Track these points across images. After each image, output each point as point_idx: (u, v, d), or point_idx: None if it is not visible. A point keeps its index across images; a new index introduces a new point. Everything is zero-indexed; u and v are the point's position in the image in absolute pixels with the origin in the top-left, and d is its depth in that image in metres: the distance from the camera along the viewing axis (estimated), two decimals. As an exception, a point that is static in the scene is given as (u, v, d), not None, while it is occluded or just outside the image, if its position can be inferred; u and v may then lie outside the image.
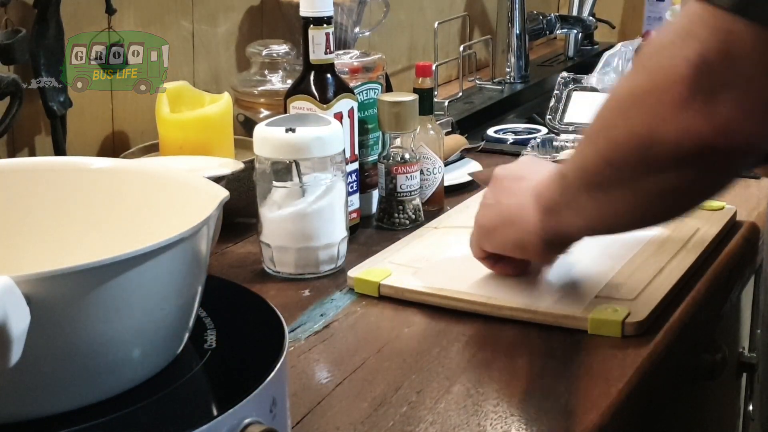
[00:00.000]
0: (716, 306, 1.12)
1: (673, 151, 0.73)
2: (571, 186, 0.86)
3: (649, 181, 0.77)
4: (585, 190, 0.84)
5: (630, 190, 0.79)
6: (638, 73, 0.77)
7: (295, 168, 1.07)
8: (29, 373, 0.61)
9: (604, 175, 0.81)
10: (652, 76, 0.74)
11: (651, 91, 0.74)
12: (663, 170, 0.76)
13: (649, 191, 0.78)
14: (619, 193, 0.81)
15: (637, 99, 0.75)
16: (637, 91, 0.75)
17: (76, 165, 0.85)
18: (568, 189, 0.86)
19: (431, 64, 1.31)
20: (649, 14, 2.51)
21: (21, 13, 1.19)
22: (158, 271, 0.65)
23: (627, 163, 0.78)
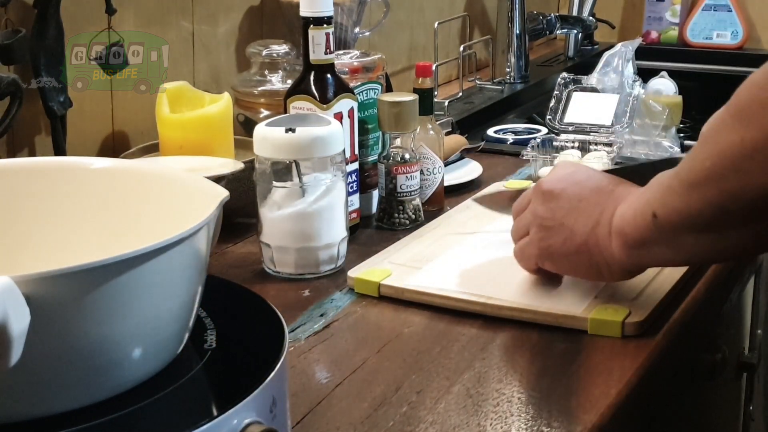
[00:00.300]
0: (716, 306, 1.12)
1: None
2: (670, 228, 0.86)
3: (762, 225, 0.80)
4: (688, 233, 0.85)
5: (742, 232, 0.82)
6: (746, 129, 0.77)
7: (295, 168, 1.07)
8: (29, 373, 0.61)
9: (713, 222, 0.82)
10: (764, 132, 0.76)
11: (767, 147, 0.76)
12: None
13: (761, 232, 0.81)
14: (729, 234, 0.83)
15: (752, 154, 0.77)
16: (749, 147, 0.77)
17: (76, 165, 0.85)
18: (664, 231, 0.87)
19: (431, 64, 1.31)
20: (649, 14, 2.52)
21: (21, 13, 1.19)
22: (158, 272, 0.65)
23: (744, 211, 0.80)
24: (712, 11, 2.47)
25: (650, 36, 2.51)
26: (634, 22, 2.57)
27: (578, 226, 0.95)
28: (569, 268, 0.99)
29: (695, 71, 2.39)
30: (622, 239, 0.91)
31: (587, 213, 0.95)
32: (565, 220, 0.96)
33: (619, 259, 0.92)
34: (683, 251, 0.88)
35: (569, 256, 0.96)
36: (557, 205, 0.97)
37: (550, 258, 0.99)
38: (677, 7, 2.48)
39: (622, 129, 1.57)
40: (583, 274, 0.98)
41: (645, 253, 0.90)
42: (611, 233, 0.92)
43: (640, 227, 0.89)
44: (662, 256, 0.90)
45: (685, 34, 2.48)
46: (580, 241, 0.95)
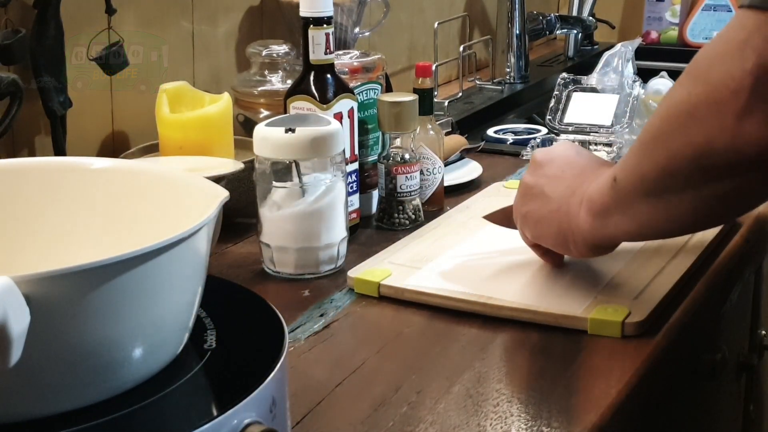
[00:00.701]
0: (716, 306, 1.12)
1: (733, 159, 0.76)
2: (625, 192, 0.87)
3: (707, 188, 0.80)
4: (641, 197, 0.85)
5: (688, 197, 0.81)
6: (693, 85, 0.78)
7: (295, 168, 1.07)
8: (29, 374, 0.61)
9: (662, 184, 0.83)
10: (709, 87, 0.76)
11: (709, 103, 0.76)
12: (722, 177, 0.78)
13: (707, 197, 0.81)
14: (677, 199, 0.82)
15: (694, 110, 0.77)
16: (694, 102, 0.77)
17: (75, 165, 0.85)
18: (620, 195, 0.88)
19: (431, 65, 1.31)
20: (648, 14, 2.52)
21: (21, 13, 1.19)
22: (158, 272, 0.65)
23: (686, 173, 0.80)
24: (712, 11, 2.47)
25: (650, 36, 2.51)
26: (634, 23, 2.57)
27: (555, 195, 0.96)
28: (541, 234, 0.99)
29: (695, 71, 2.39)
30: (588, 206, 0.92)
31: (567, 183, 0.96)
32: (545, 188, 0.98)
33: (583, 228, 0.93)
34: (637, 220, 0.88)
35: (542, 222, 0.98)
36: (542, 173, 0.99)
37: (527, 224, 1.00)
38: (677, 7, 2.48)
39: (621, 129, 1.57)
40: (551, 242, 0.99)
41: (606, 224, 0.90)
42: (582, 202, 0.93)
43: (603, 193, 0.90)
44: (620, 226, 0.90)
45: (685, 35, 2.48)
46: (553, 207, 0.96)
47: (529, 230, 1.01)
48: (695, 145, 0.77)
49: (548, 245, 1.00)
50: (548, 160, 1.00)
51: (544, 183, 0.98)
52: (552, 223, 0.97)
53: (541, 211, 0.98)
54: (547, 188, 0.98)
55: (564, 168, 0.98)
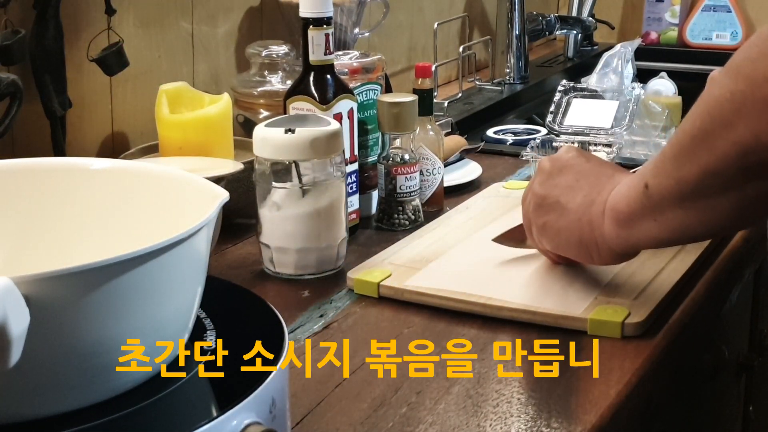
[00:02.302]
0: (716, 307, 1.12)
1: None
2: (659, 199, 0.86)
3: (751, 187, 0.79)
4: (677, 202, 0.84)
5: (730, 198, 0.81)
6: (735, 83, 0.77)
7: (294, 169, 1.07)
8: (29, 374, 0.61)
9: (703, 186, 0.81)
10: (754, 85, 0.75)
11: (755, 100, 0.75)
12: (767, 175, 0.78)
13: (749, 197, 0.80)
14: (717, 202, 0.81)
15: (740, 108, 0.76)
16: (738, 100, 0.76)
17: (75, 166, 0.85)
18: (653, 201, 0.86)
19: (431, 65, 1.31)
20: (648, 15, 2.52)
21: (20, 13, 1.19)
22: (158, 272, 0.65)
23: (730, 173, 0.79)
24: (712, 12, 2.47)
25: (650, 36, 2.51)
26: (634, 23, 2.57)
27: (573, 204, 0.95)
28: (561, 245, 0.99)
29: (695, 72, 2.39)
30: (614, 215, 0.91)
31: (584, 192, 0.95)
32: (561, 198, 0.97)
33: (608, 238, 0.92)
34: (669, 226, 0.86)
35: (561, 233, 0.97)
36: (555, 183, 0.98)
37: (546, 235, 0.99)
38: (677, 7, 2.48)
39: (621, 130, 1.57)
40: (573, 253, 0.99)
41: (633, 232, 0.90)
42: (605, 212, 0.92)
43: (631, 201, 0.89)
44: (649, 233, 0.89)
45: (685, 35, 2.48)
46: (573, 218, 0.95)
47: (549, 241, 1.00)
48: (742, 143, 0.76)
49: (569, 255, 1.00)
50: (558, 169, 0.99)
51: (558, 193, 0.97)
52: (573, 234, 0.96)
53: (560, 222, 0.97)
54: (563, 198, 0.97)
55: (577, 177, 0.97)
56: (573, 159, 0.99)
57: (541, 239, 1.01)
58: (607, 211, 0.92)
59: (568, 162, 0.99)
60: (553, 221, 0.98)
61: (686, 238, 0.95)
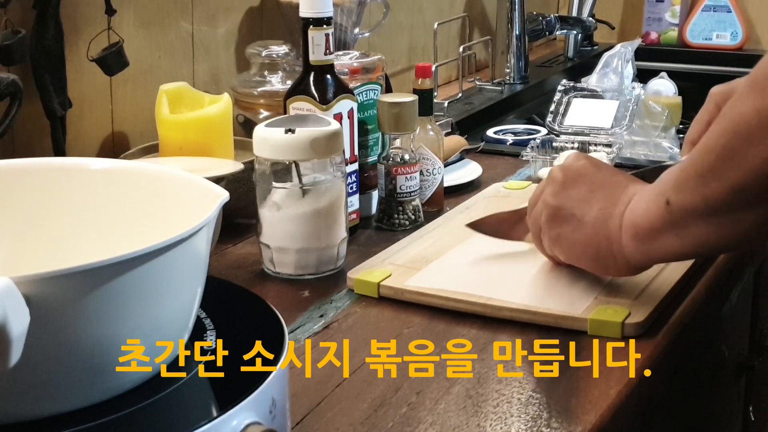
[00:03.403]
0: (716, 307, 1.12)
1: None
2: (682, 214, 0.85)
3: None
4: (702, 218, 0.84)
5: (758, 211, 0.80)
6: (761, 99, 0.76)
7: (294, 169, 1.07)
8: (29, 374, 0.61)
9: (730, 202, 0.81)
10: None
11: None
12: None
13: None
14: (743, 216, 0.81)
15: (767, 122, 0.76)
16: (765, 114, 0.76)
17: (75, 166, 0.85)
18: (676, 217, 0.86)
19: (431, 65, 1.31)
20: (648, 15, 2.52)
21: (21, 14, 1.19)
22: (158, 272, 0.65)
23: (759, 188, 0.78)
24: (712, 12, 2.47)
25: (650, 37, 2.51)
26: (634, 23, 2.57)
27: (589, 217, 0.95)
28: (576, 258, 0.99)
29: (695, 72, 2.39)
30: (633, 231, 0.91)
31: (599, 205, 0.95)
32: (575, 210, 0.97)
33: (627, 252, 0.92)
34: (692, 240, 0.86)
35: (576, 246, 0.97)
36: (568, 195, 0.98)
37: (559, 246, 0.99)
38: (677, 7, 2.48)
39: (621, 131, 1.57)
40: (588, 266, 0.99)
41: (654, 246, 0.90)
42: (622, 226, 0.92)
43: (651, 217, 0.88)
44: (670, 248, 0.89)
45: (685, 35, 2.48)
46: (590, 232, 0.95)
47: (563, 253, 1.00)
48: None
49: (583, 267, 1.00)
50: (572, 180, 0.98)
51: (573, 206, 0.97)
52: (589, 248, 0.96)
53: (576, 236, 0.97)
54: (577, 211, 0.96)
55: (591, 188, 0.97)
56: (585, 168, 0.99)
57: (554, 249, 1.00)
58: (626, 226, 0.92)
59: (581, 171, 0.98)
60: (568, 234, 0.97)
61: (708, 252, 0.96)
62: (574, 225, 0.97)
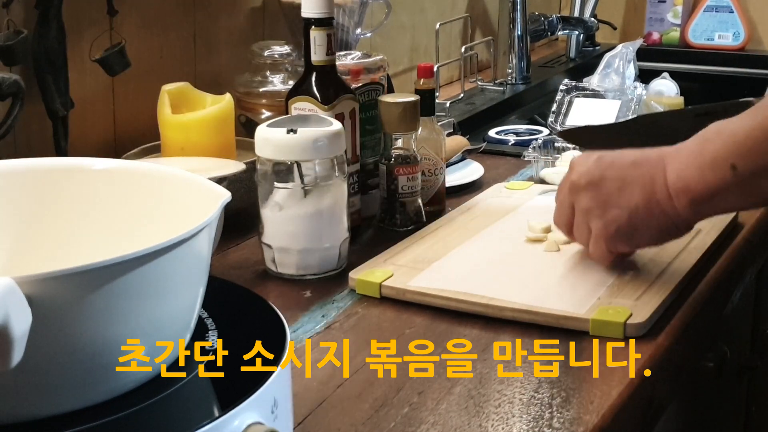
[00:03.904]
0: (718, 307, 1.12)
1: None
2: (749, 176, 0.92)
3: None
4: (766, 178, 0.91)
5: None
6: None
7: (296, 169, 1.07)
8: (31, 374, 0.61)
9: None
10: None
11: None
12: None
13: None
14: None
15: None
16: None
17: (77, 166, 0.85)
18: (742, 179, 0.92)
19: (432, 65, 1.31)
20: (650, 15, 2.52)
21: (23, 14, 1.19)
22: (160, 273, 0.65)
23: None
24: (714, 12, 2.46)
25: (652, 37, 2.51)
26: (636, 24, 2.57)
27: (636, 199, 0.99)
28: (642, 240, 1.02)
29: (697, 72, 2.39)
30: (689, 197, 0.95)
31: (639, 186, 0.98)
32: (620, 202, 1.00)
33: (686, 216, 0.97)
34: (755, 196, 0.94)
35: (639, 230, 1.00)
36: (604, 192, 1.01)
37: (622, 239, 1.02)
38: (679, 8, 2.48)
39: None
40: (656, 241, 1.03)
41: (714, 204, 0.96)
42: (671, 195, 0.96)
43: (712, 181, 0.94)
44: (731, 204, 0.97)
45: (687, 36, 2.48)
46: (644, 213, 0.99)
47: (628, 243, 1.03)
48: None
49: (653, 245, 1.04)
50: (599, 178, 1.01)
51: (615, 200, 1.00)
52: (652, 225, 0.99)
53: (634, 222, 0.99)
54: (621, 202, 1.00)
55: (620, 176, 1.00)
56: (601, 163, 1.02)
57: (617, 245, 1.03)
58: (676, 194, 0.96)
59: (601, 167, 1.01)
60: (626, 224, 1.00)
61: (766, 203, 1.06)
62: (628, 213, 0.99)
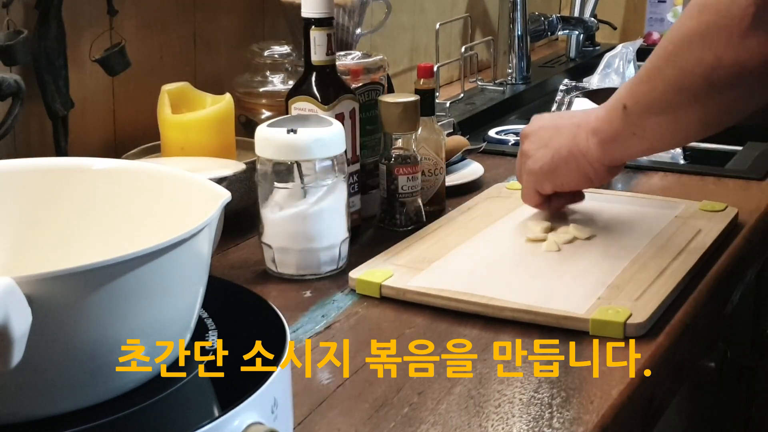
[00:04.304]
0: (718, 307, 1.12)
1: (738, 72, 0.92)
2: (637, 116, 1.01)
3: (714, 100, 0.96)
4: (653, 116, 1.00)
5: (697, 110, 0.97)
6: (700, 14, 0.93)
7: (296, 169, 1.07)
8: (30, 374, 0.61)
9: (673, 101, 0.97)
10: (717, 15, 0.91)
11: (718, 27, 0.91)
12: (727, 89, 0.94)
13: (713, 108, 0.97)
14: (686, 113, 0.98)
15: (704, 33, 0.92)
16: (703, 28, 0.93)
17: (77, 166, 0.85)
18: (631, 119, 1.02)
19: (433, 65, 1.31)
20: (650, 15, 2.52)
21: (23, 14, 1.19)
22: (160, 272, 0.65)
23: (696, 88, 0.95)
24: (714, 12, 2.46)
25: (652, 37, 2.50)
26: (636, 24, 2.57)
27: (562, 142, 1.11)
28: (562, 179, 1.13)
29: (696, 72, 2.39)
30: (597, 137, 1.07)
31: (567, 130, 1.10)
32: (549, 144, 1.12)
33: (598, 156, 1.08)
34: (648, 137, 1.03)
35: (560, 168, 1.12)
36: (538, 137, 1.14)
37: (545, 176, 1.14)
38: (679, 8, 2.48)
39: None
40: (575, 183, 1.13)
41: (617, 147, 1.06)
42: (588, 136, 1.08)
43: (612, 121, 1.04)
44: (633, 147, 1.06)
45: (687, 35, 2.48)
46: (566, 153, 1.10)
47: (550, 181, 1.14)
48: (705, 62, 0.93)
49: (573, 187, 1.15)
50: (538, 127, 1.15)
51: (544, 143, 1.12)
52: (571, 165, 1.11)
53: (556, 161, 1.11)
54: (550, 143, 1.12)
55: (555, 124, 1.13)
56: (544, 118, 1.17)
57: (542, 182, 1.14)
58: (591, 134, 1.07)
59: (542, 120, 1.16)
60: (548, 162, 1.12)
61: (665, 147, 1.17)
62: (552, 153, 1.12)
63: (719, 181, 1.42)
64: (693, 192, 1.35)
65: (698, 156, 1.72)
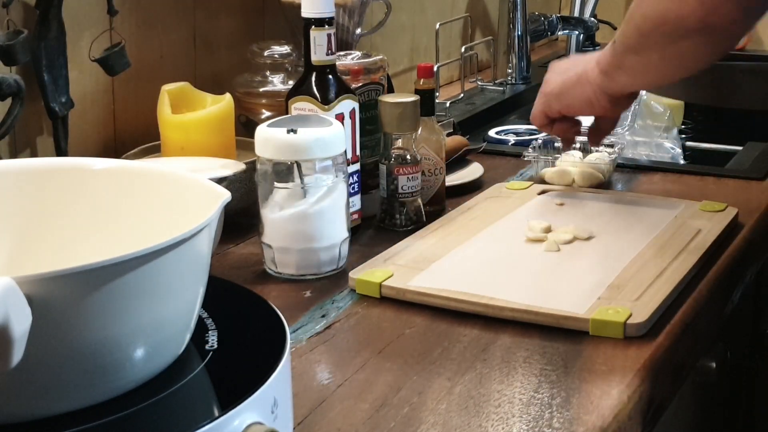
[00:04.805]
0: (718, 307, 1.12)
1: (681, 26, 1.03)
2: (621, 51, 1.13)
3: (668, 49, 1.06)
4: (630, 54, 1.12)
5: (657, 54, 1.08)
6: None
7: (296, 169, 1.07)
8: (31, 374, 0.61)
9: (640, 43, 1.09)
10: None
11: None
12: (676, 40, 1.04)
13: (669, 55, 1.07)
14: (651, 55, 1.09)
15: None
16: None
17: (77, 166, 0.85)
18: (616, 53, 1.14)
19: (433, 65, 1.31)
20: (650, 15, 2.51)
21: (23, 13, 1.19)
22: (160, 273, 0.65)
23: (653, 35, 1.06)
24: (714, 12, 2.46)
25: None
26: (636, 24, 2.57)
27: (576, 70, 1.22)
28: (569, 100, 1.23)
29: (696, 72, 2.38)
30: (600, 68, 1.18)
31: (583, 61, 1.22)
32: (565, 71, 1.24)
33: (599, 83, 1.18)
34: (631, 72, 1.14)
35: (568, 91, 1.23)
36: (559, 66, 1.26)
37: (554, 97, 1.24)
38: (679, 8, 2.48)
39: (623, 131, 1.57)
40: (579, 106, 1.23)
41: (612, 77, 1.16)
42: (594, 66, 1.19)
43: (607, 54, 1.16)
44: (621, 79, 1.16)
45: (687, 35, 2.48)
46: (575, 78, 1.22)
47: (557, 101, 1.24)
48: (658, 12, 1.04)
49: (576, 110, 1.25)
50: (564, 60, 1.28)
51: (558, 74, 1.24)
52: (578, 89, 1.21)
53: (566, 83, 1.22)
54: (566, 69, 1.24)
55: (576, 59, 1.25)
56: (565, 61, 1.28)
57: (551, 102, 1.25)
58: (594, 66, 1.18)
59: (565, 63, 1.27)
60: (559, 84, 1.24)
61: (647, 83, 1.30)
62: (564, 77, 1.23)
63: (719, 181, 1.42)
64: (693, 192, 1.35)
65: (698, 156, 1.72)
